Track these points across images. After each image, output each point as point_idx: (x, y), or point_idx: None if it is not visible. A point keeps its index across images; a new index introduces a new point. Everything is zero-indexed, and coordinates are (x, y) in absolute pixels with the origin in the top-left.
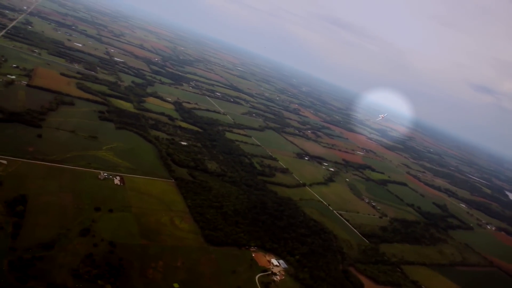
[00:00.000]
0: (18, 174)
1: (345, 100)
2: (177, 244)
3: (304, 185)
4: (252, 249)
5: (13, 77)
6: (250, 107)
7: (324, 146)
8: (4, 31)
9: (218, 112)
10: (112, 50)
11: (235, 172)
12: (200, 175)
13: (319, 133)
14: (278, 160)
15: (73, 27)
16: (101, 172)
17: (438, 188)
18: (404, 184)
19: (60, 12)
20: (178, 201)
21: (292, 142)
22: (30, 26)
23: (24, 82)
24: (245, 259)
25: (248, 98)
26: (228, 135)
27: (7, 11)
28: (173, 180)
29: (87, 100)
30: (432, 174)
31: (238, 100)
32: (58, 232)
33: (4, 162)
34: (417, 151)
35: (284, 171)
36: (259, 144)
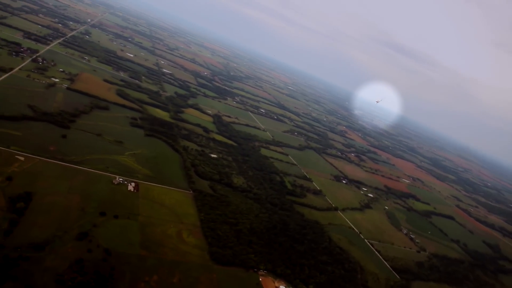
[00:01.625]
0: (31, 172)
1: (398, 126)
2: (178, 259)
3: (336, 209)
4: (261, 272)
5: (57, 80)
6: (293, 125)
7: (366, 171)
8: (62, 39)
9: (258, 128)
10: (163, 62)
11: (262, 189)
12: (222, 189)
13: (363, 157)
14: (312, 181)
15: (129, 39)
16: (117, 177)
17: (491, 226)
18: (451, 218)
19: (121, 25)
20: (191, 214)
21: (331, 164)
22: (88, 36)
23: (65, 85)
24: (250, 282)
25: (293, 116)
26: (264, 151)
27: (71, 22)
28: (191, 192)
29: (123, 106)
30: (487, 210)
31: (282, 118)
32: (54, 233)
33: (22, 158)
34: (471, 183)
35: (317, 192)
36: (295, 163)
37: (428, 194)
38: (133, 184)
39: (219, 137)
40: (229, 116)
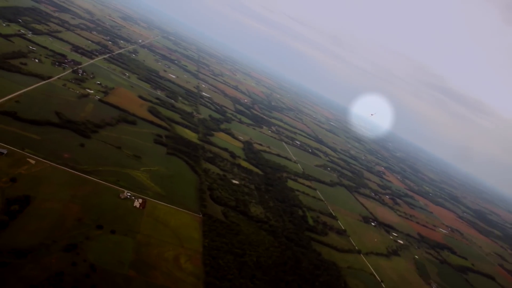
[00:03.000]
0: (38, 176)
1: (443, 173)
2: (168, 285)
3: (359, 252)
4: None
5: (91, 91)
6: (328, 160)
7: (400, 215)
8: (108, 55)
9: (289, 159)
10: (204, 86)
11: (280, 222)
12: (235, 217)
13: (399, 201)
14: (337, 219)
15: (175, 62)
16: (125, 191)
17: None
18: (491, 278)
19: (170, 48)
20: (194, 238)
21: (362, 204)
22: (135, 55)
23: (98, 97)
24: None
25: (329, 151)
26: (290, 183)
27: (121, 41)
28: (201, 215)
29: (151, 122)
30: None
31: (317, 151)
32: (42, 241)
33: (32, 162)
34: None
35: (341, 232)
36: (322, 198)
37: (466, 248)
38: (140, 200)
39: (245, 164)
40: (260, 144)
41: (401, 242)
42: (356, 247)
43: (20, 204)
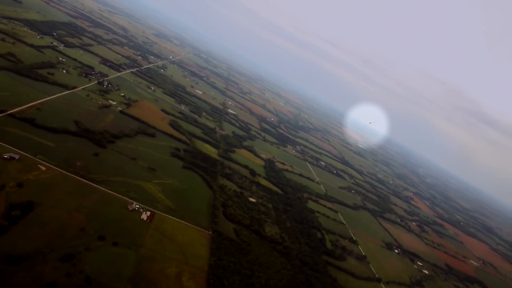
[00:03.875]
0: (46, 182)
1: (476, 202)
2: None
3: (379, 280)
4: None
5: (114, 103)
6: (352, 183)
7: (427, 243)
8: (136, 69)
9: (312, 180)
10: (230, 103)
11: (295, 244)
12: (247, 236)
13: (426, 228)
14: (358, 244)
15: (204, 78)
16: (134, 203)
17: None
18: None
19: (200, 65)
20: (201, 256)
21: (386, 229)
22: (163, 70)
23: (120, 109)
24: None
25: (354, 174)
26: (311, 204)
27: (151, 57)
28: (210, 232)
29: (171, 136)
30: None
31: (342, 173)
32: (40, 249)
33: (43, 168)
34: None
35: (361, 258)
36: (343, 222)
37: (499, 283)
38: (148, 213)
39: (264, 182)
40: (283, 163)
41: (427, 272)
42: (376, 275)
43: (22, 210)
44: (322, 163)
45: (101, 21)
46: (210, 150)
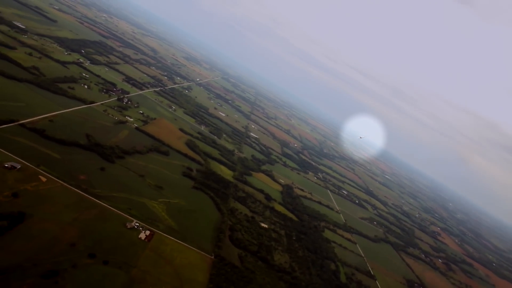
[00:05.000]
0: (44, 194)
1: (510, 242)
2: None
3: None
4: None
5: (131, 119)
6: (375, 214)
7: (453, 283)
8: (159, 88)
9: (331, 209)
10: (253, 126)
11: (306, 275)
12: (252, 263)
13: (454, 267)
14: (376, 279)
15: (229, 101)
16: (134, 221)
17: None
18: None
19: (227, 89)
20: (198, 282)
21: (408, 265)
22: (188, 91)
23: (136, 125)
24: None
25: (378, 205)
26: (328, 233)
27: (178, 78)
28: (212, 257)
29: (185, 155)
30: None
31: (365, 203)
32: (21, 263)
33: (43, 179)
34: None
35: None
36: (361, 254)
37: None
38: (147, 232)
39: (279, 208)
40: (302, 190)
41: None
42: None
43: (11, 220)
44: (344, 191)
45: (132, 42)
46: (225, 172)
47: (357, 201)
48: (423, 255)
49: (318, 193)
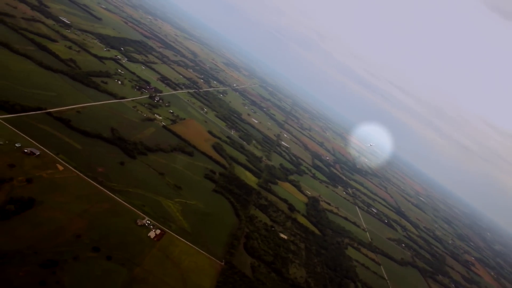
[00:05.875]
0: (58, 182)
1: None
2: None
3: None
4: None
5: (160, 117)
6: (404, 235)
7: None
8: (194, 90)
9: (358, 226)
10: (285, 136)
11: None
12: (265, 274)
13: None
14: None
15: (264, 109)
16: (146, 218)
17: None
18: None
19: (264, 97)
20: None
21: None
22: (223, 95)
23: (163, 124)
24: None
25: (409, 226)
26: (351, 251)
27: (214, 82)
28: (222, 263)
29: (210, 157)
30: None
31: (394, 223)
32: (21, 250)
33: (60, 168)
34: None
35: None
36: (385, 277)
37: None
38: (157, 231)
39: (302, 220)
40: (328, 203)
41: None
42: None
43: (20, 205)
44: (373, 209)
45: (173, 44)
46: (250, 178)
47: (386, 221)
48: (453, 285)
49: (346, 209)
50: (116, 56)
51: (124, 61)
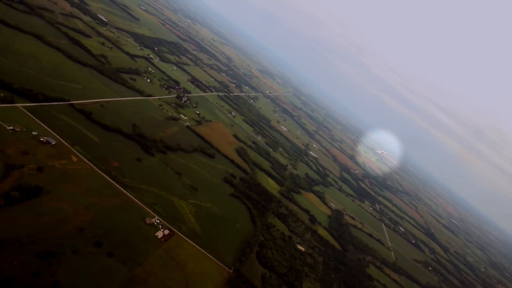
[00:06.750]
0: (69, 174)
1: None
2: None
3: None
4: None
5: (185, 118)
6: (432, 258)
7: None
8: (224, 93)
9: (382, 244)
10: (314, 146)
11: None
12: (275, 286)
13: None
14: None
15: (295, 118)
16: (156, 217)
17: None
18: None
19: (296, 106)
20: None
21: None
22: (254, 101)
23: (187, 124)
24: None
25: (437, 249)
26: (372, 270)
27: (246, 87)
28: (231, 271)
29: (232, 161)
30: None
31: (422, 245)
32: (20, 238)
33: (74, 159)
34: None
35: None
36: None
37: None
38: (166, 231)
39: (323, 232)
40: (353, 218)
41: None
42: None
43: (26, 193)
44: (401, 228)
45: (209, 48)
46: (272, 186)
47: (413, 241)
48: None
49: (371, 225)
50: (148, 55)
51: (156, 60)
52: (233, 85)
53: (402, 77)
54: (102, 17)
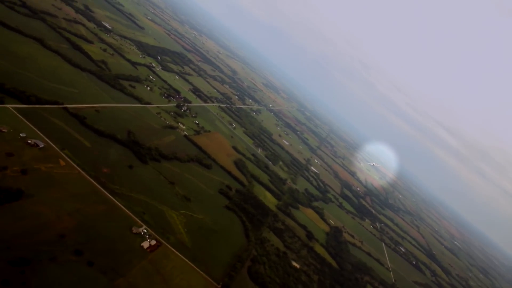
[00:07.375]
0: (56, 177)
1: None
2: None
3: None
4: None
5: (183, 127)
6: (433, 281)
7: None
8: (225, 105)
9: (382, 264)
10: (316, 161)
11: None
12: None
13: None
14: None
15: (297, 132)
16: (143, 226)
17: None
18: None
19: (300, 120)
20: None
21: None
22: (256, 113)
23: (185, 133)
24: None
25: (439, 271)
26: None
27: (249, 100)
28: (219, 286)
29: (229, 173)
30: None
31: (423, 266)
32: None
33: (62, 163)
34: None
35: None
36: None
37: None
38: (152, 242)
39: (320, 249)
40: (352, 236)
41: None
42: None
43: (5, 196)
44: (401, 248)
45: (213, 60)
46: (269, 199)
47: (414, 262)
48: None
49: (370, 244)
50: (150, 63)
51: (158, 69)
52: (236, 97)
53: (407, 95)
54: (107, 24)
